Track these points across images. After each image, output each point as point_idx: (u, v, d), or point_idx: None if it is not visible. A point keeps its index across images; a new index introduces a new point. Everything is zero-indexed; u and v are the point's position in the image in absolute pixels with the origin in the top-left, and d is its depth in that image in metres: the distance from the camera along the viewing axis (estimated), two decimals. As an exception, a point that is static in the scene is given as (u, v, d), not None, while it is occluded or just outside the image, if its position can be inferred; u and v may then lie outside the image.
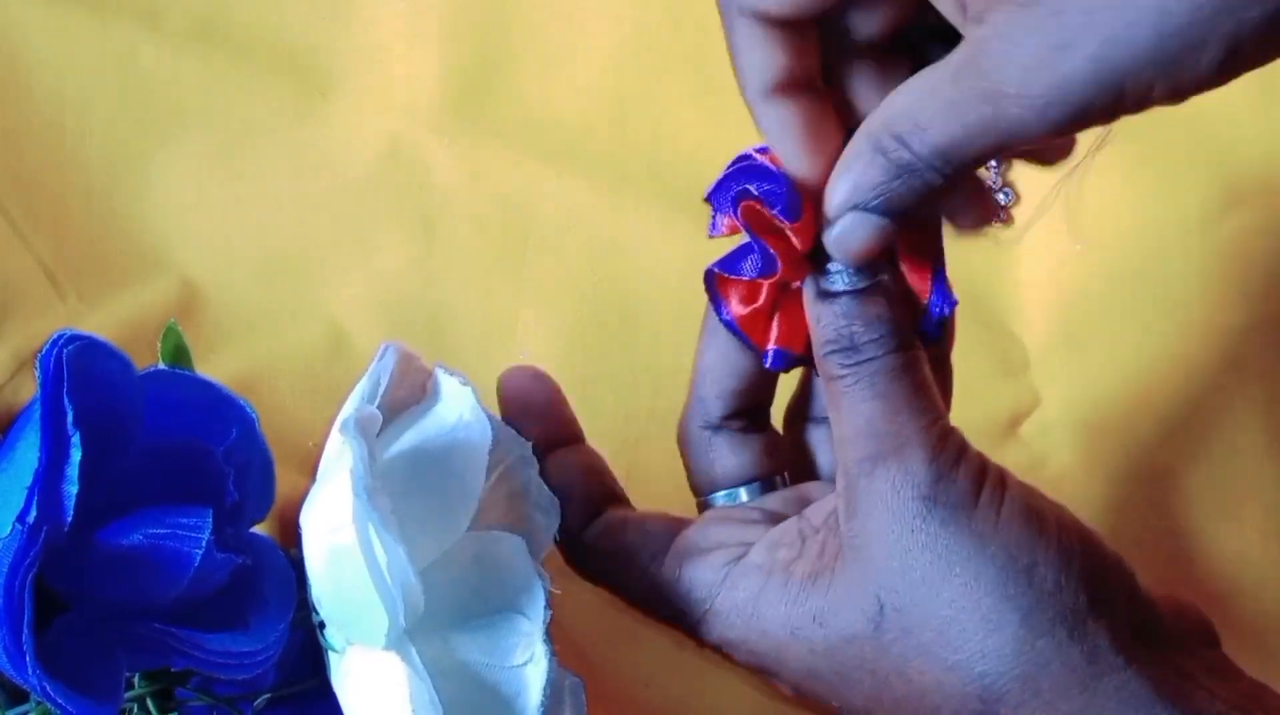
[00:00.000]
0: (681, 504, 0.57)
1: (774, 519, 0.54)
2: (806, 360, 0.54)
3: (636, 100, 0.70)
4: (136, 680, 0.53)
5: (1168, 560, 0.68)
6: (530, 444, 0.56)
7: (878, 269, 0.51)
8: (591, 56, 0.70)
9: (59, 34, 0.68)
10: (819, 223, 0.51)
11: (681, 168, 0.69)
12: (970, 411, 0.64)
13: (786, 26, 0.50)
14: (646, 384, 0.68)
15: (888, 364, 0.50)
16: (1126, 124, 0.70)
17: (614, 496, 0.57)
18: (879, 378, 0.50)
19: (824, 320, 0.51)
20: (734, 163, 0.53)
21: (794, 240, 0.51)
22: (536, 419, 0.56)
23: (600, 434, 0.65)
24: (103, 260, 0.68)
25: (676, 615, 0.54)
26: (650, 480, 0.58)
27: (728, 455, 0.56)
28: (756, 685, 0.66)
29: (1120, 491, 0.68)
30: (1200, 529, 0.69)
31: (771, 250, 0.52)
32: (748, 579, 0.52)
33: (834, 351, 0.51)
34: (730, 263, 0.54)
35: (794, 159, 0.51)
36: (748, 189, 0.52)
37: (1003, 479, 0.50)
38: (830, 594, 0.50)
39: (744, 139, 0.69)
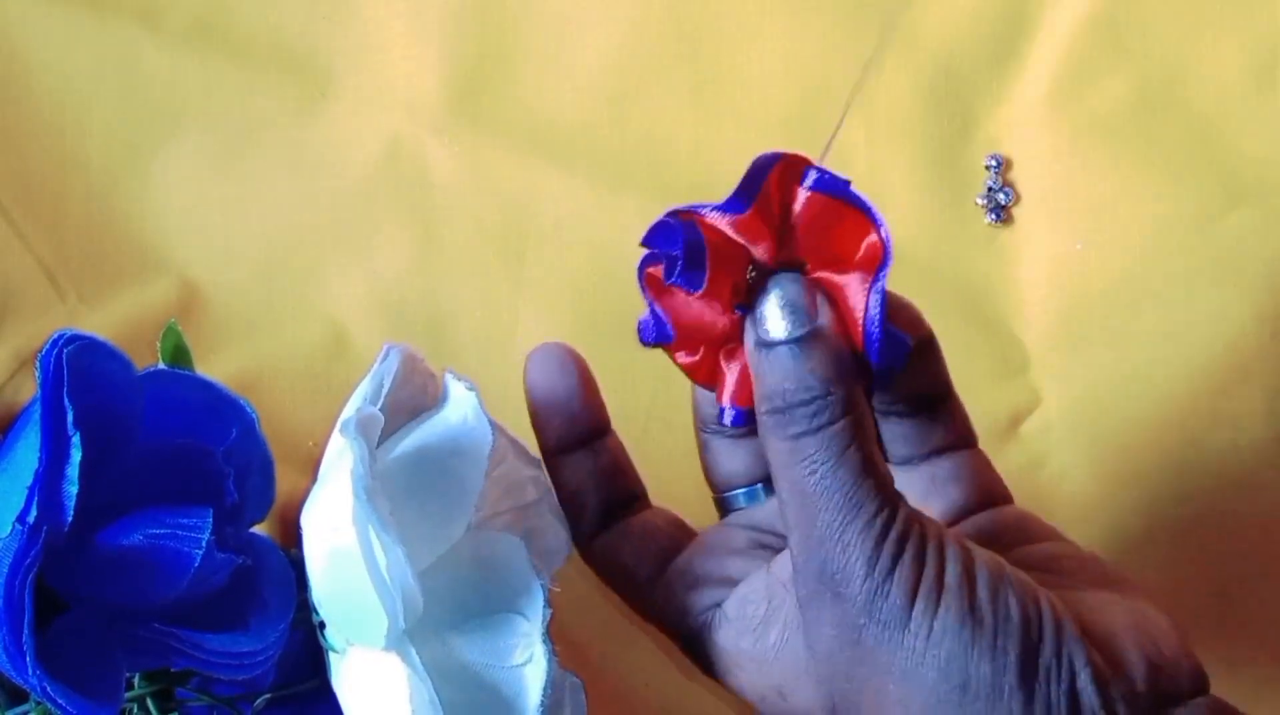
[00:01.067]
0: (683, 500, 0.57)
1: (760, 544, 0.54)
2: None
3: (636, 100, 0.70)
4: (136, 680, 0.53)
5: (1167, 560, 0.68)
6: (540, 462, 0.56)
7: (814, 311, 0.49)
8: (591, 56, 0.70)
9: (59, 34, 0.68)
10: (735, 275, 0.49)
11: (681, 168, 0.69)
12: (970, 411, 0.64)
13: None
14: (646, 384, 0.68)
15: (825, 440, 0.48)
16: (1127, 124, 0.70)
17: (631, 498, 0.56)
18: (817, 454, 0.48)
19: (759, 373, 0.50)
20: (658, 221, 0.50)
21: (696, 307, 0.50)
22: (558, 414, 0.56)
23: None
24: (103, 260, 0.68)
25: (673, 636, 0.54)
26: (650, 480, 0.58)
27: (726, 459, 0.56)
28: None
29: (1120, 491, 0.68)
30: (1200, 528, 0.68)
31: (664, 316, 0.50)
32: (723, 631, 0.52)
33: (769, 411, 0.49)
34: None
35: None
36: (653, 253, 0.50)
37: (941, 574, 0.48)
38: (791, 670, 0.50)
39: (743, 139, 0.69)
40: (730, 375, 0.52)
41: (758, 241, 0.49)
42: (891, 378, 0.50)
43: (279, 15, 0.69)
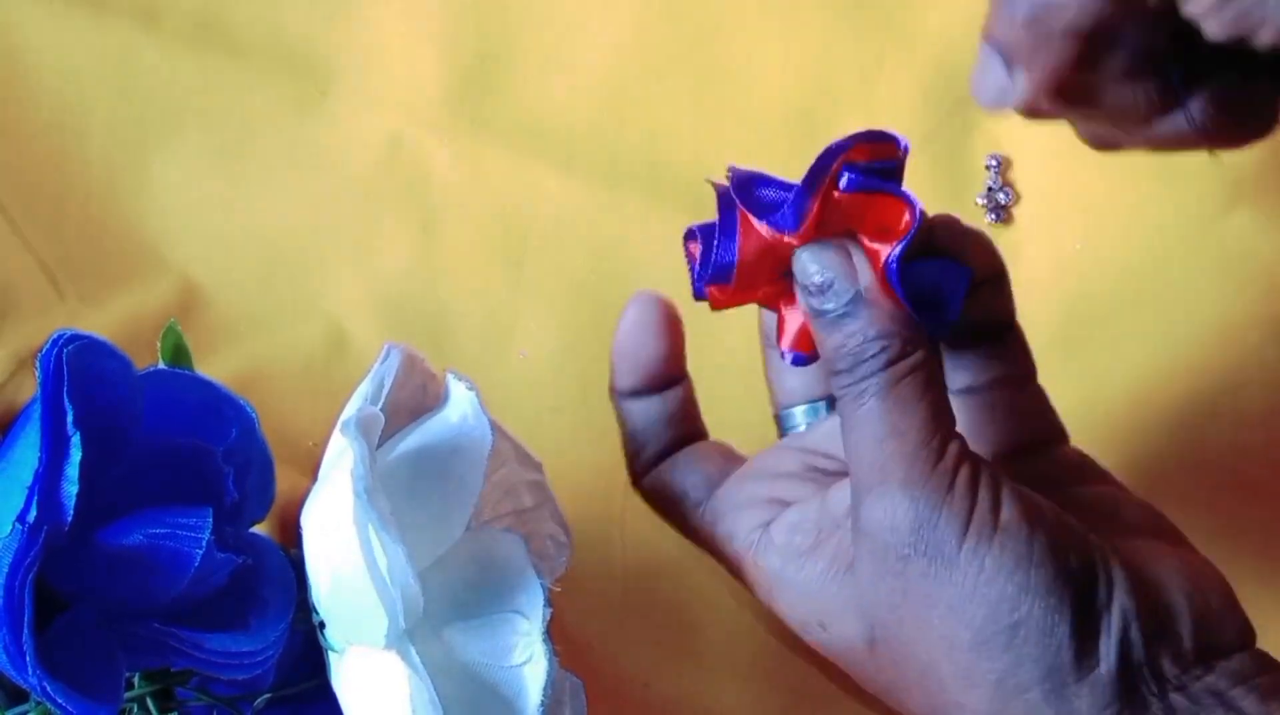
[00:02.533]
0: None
1: (813, 466, 0.54)
2: None
3: (636, 100, 0.70)
4: (136, 680, 0.53)
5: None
6: (540, 465, 0.57)
7: (851, 280, 0.50)
8: (591, 56, 0.70)
9: (59, 34, 0.68)
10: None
11: (681, 168, 0.69)
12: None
13: None
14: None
15: (879, 383, 0.50)
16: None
17: (689, 439, 0.57)
18: (870, 399, 0.50)
19: (820, 341, 0.51)
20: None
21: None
22: (633, 363, 0.57)
23: (600, 434, 0.65)
24: (103, 260, 0.68)
25: (721, 561, 0.55)
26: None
27: (790, 374, 0.56)
28: (758, 684, 0.66)
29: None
30: (1199, 528, 0.68)
31: (730, 251, 0.52)
32: (768, 556, 0.52)
33: (834, 372, 0.51)
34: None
35: None
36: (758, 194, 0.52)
37: (995, 511, 0.49)
38: (835, 603, 0.51)
39: (743, 139, 0.69)
40: (791, 323, 0.53)
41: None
42: (949, 325, 0.52)
43: (279, 15, 0.69)
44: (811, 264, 0.50)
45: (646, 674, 0.67)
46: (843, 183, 0.50)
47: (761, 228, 0.51)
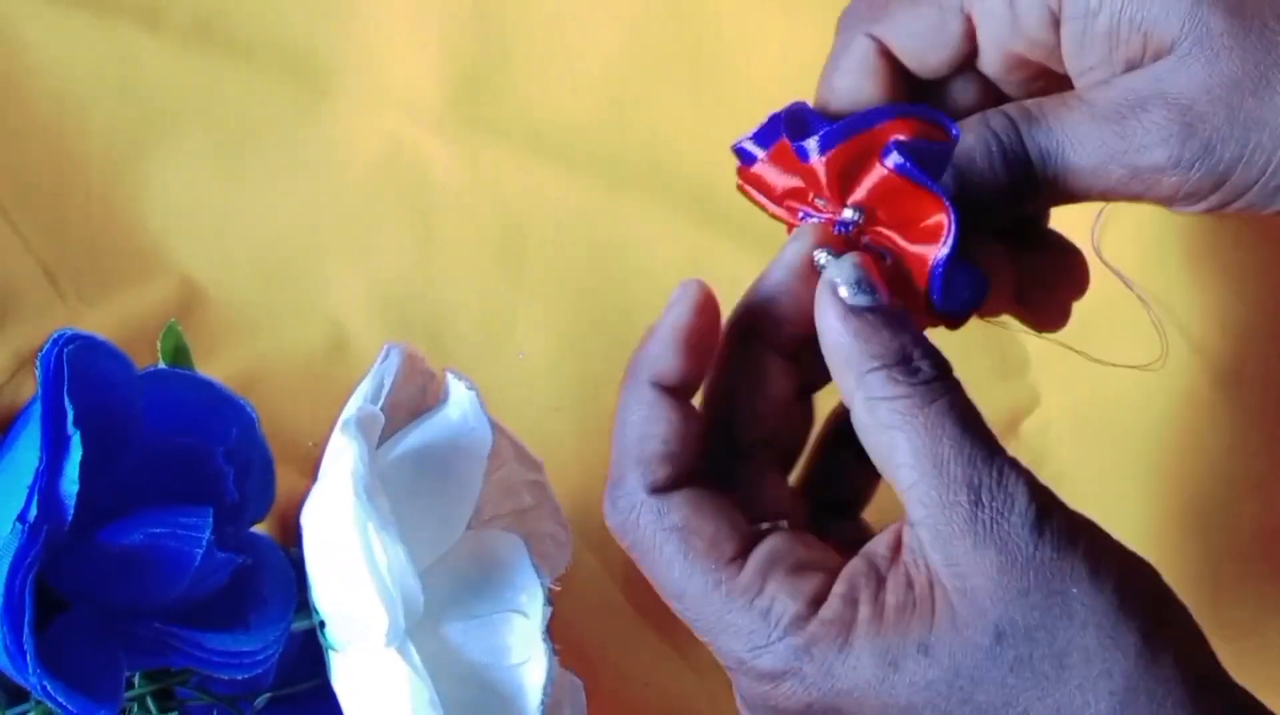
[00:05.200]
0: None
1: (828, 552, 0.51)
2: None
3: (636, 100, 0.70)
4: (136, 679, 0.53)
5: (1167, 560, 0.68)
6: (541, 465, 0.56)
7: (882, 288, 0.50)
8: (591, 56, 0.70)
9: (59, 34, 0.68)
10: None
11: (681, 168, 0.69)
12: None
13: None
14: (646, 384, 0.68)
15: (953, 389, 0.49)
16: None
17: (698, 481, 0.51)
18: (952, 402, 0.49)
19: (863, 336, 0.49)
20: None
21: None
22: (691, 353, 0.52)
23: (600, 433, 0.65)
24: (103, 260, 0.68)
25: (728, 628, 0.49)
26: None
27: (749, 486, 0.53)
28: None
29: (1119, 491, 0.69)
30: (1200, 528, 0.69)
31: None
32: (833, 610, 0.49)
33: (883, 366, 0.49)
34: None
35: None
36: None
37: (1087, 519, 0.49)
38: (936, 625, 0.48)
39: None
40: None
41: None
42: (965, 317, 0.52)
43: (279, 15, 0.69)
44: (839, 272, 0.50)
45: (646, 674, 0.67)
46: (890, 161, 0.50)
47: (791, 148, 0.51)
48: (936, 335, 0.53)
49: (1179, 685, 0.47)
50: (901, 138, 0.50)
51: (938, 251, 0.50)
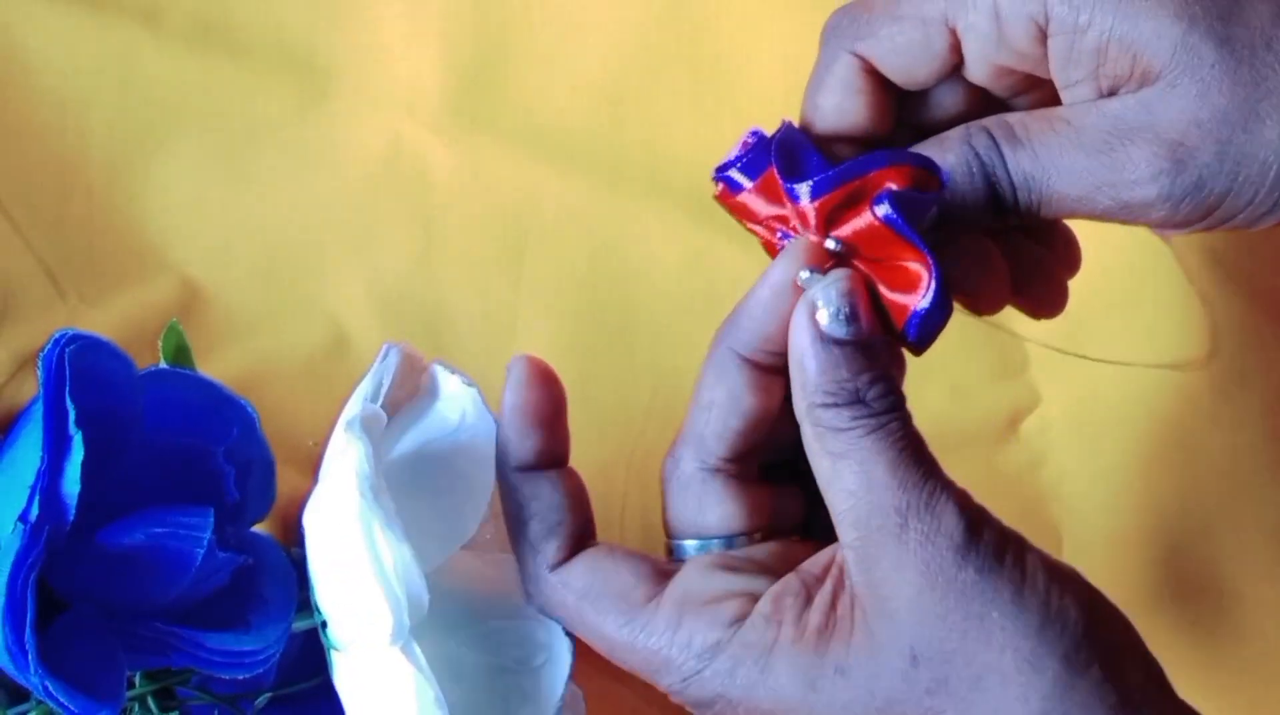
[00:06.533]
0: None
1: (761, 570, 0.52)
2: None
3: (635, 100, 0.70)
4: (138, 679, 0.53)
5: (1167, 560, 0.68)
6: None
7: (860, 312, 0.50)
8: (591, 56, 0.70)
9: (59, 34, 0.68)
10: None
11: (680, 168, 0.69)
12: (970, 411, 0.64)
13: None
14: (646, 384, 0.68)
15: (898, 420, 0.49)
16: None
17: (592, 535, 0.54)
18: (893, 432, 0.49)
19: (823, 369, 0.50)
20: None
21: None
22: (543, 428, 0.53)
23: (600, 434, 0.66)
24: (103, 260, 0.68)
25: (660, 666, 0.51)
26: (649, 481, 0.58)
27: (720, 501, 0.53)
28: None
29: (1119, 491, 0.69)
30: (1200, 528, 0.69)
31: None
32: (756, 631, 0.50)
33: (834, 405, 0.50)
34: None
35: None
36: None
37: (1020, 537, 0.50)
38: (853, 646, 0.49)
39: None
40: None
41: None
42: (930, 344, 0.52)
43: (279, 15, 0.69)
44: (824, 293, 0.50)
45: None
46: (880, 211, 0.50)
47: (781, 185, 0.51)
48: (946, 337, 0.53)
49: (1100, 706, 0.48)
50: (893, 186, 0.50)
51: (917, 302, 0.51)
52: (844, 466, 0.49)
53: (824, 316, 0.50)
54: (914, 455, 0.49)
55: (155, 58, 0.69)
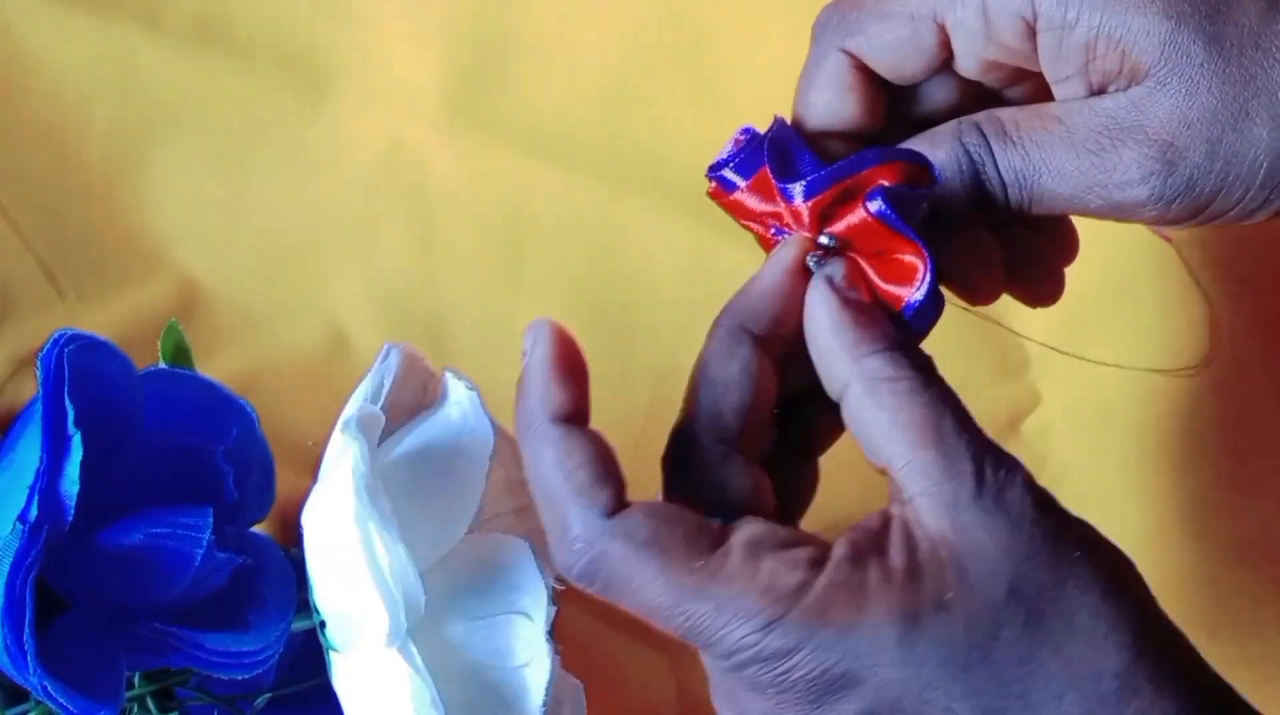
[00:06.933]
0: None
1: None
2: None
3: (635, 100, 0.70)
4: (137, 680, 0.53)
5: (1167, 560, 0.68)
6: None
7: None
8: (591, 56, 0.70)
9: (59, 34, 0.68)
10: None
11: (680, 167, 0.69)
12: (970, 411, 0.63)
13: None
14: (646, 383, 0.68)
15: (941, 381, 0.49)
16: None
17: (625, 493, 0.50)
18: (948, 390, 0.49)
19: (860, 322, 0.50)
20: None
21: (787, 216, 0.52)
22: (577, 379, 0.51)
23: (600, 433, 0.65)
24: (103, 260, 0.68)
25: (736, 615, 0.47)
26: (650, 480, 0.58)
27: (742, 477, 0.51)
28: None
29: (1120, 491, 0.69)
30: (1201, 528, 0.69)
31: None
32: (843, 572, 0.47)
33: (882, 350, 0.49)
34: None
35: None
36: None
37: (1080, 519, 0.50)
38: (950, 583, 0.47)
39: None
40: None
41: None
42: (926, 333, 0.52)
43: (279, 15, 0.69)
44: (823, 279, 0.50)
45: (646, 674, 0.67)
46: (873, 207, 0.50)
47: (774, 184, 0.52)
48: (940, 335, 0.54)
49: (1182, 649, 0.48)
50: (886, 183, 0.50)
51: (912, 294, 0.51)
52: (904, 420, 0.48)
53: (844, 285, 0.50)
54: (970, 416, 0.49)
55: (155, 58, 0.69)
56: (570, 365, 0.51)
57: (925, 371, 0.49)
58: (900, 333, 0.50)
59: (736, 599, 0.47)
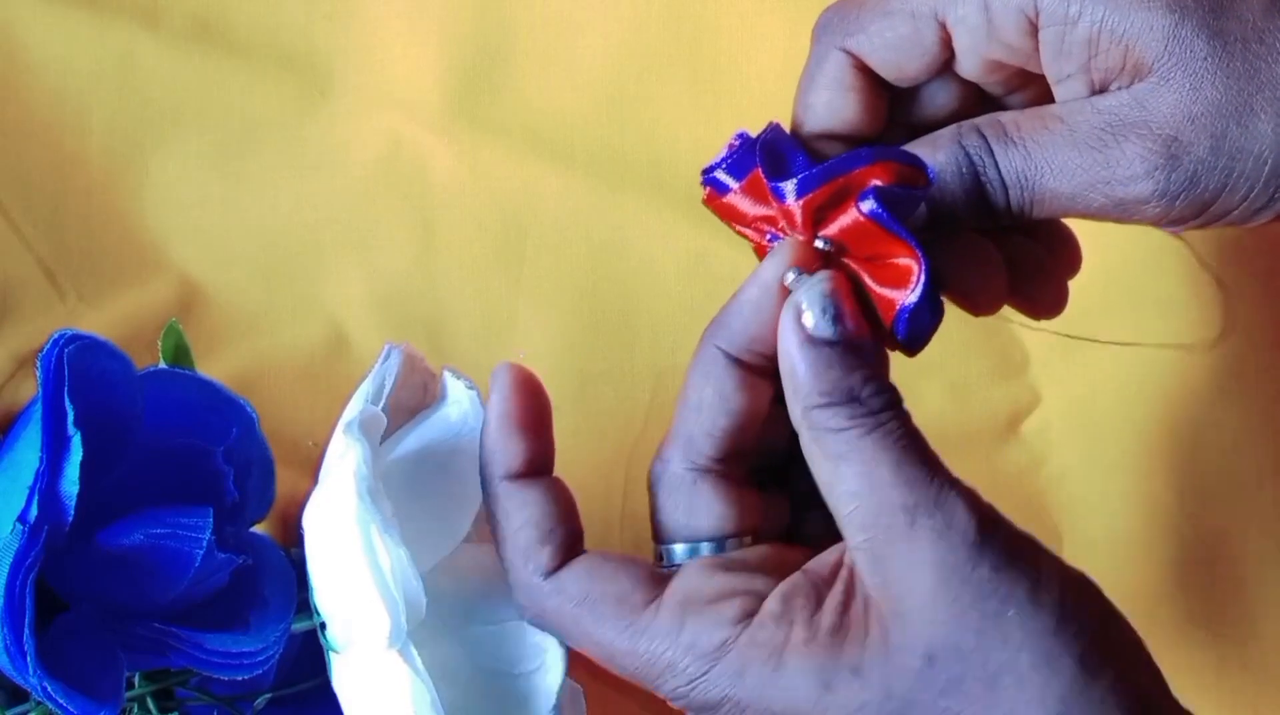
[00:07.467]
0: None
1: (757, 571, 0.51)
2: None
3: (636, 100, 0.70)
4: (137, 680, 0.53)
5: (1167, 560, 0.68)
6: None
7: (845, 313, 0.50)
8: (591, 56, 0.70)
9: (59, 34, 0.68)
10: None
11: (680, 167, 0.69)
12: (970, 411, 0.64)
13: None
14: (646, 383, 0.68)
15: (896, 418, 0.49)
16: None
17: (582, 544, 0.52)
18: (893, 431, 0.49)
19: (815, 371, 0.49)
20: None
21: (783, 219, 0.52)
22: (530, 435, 0.52)
23: (599, 433, 0.66)
24: (103, 260, 0.68)
25: (664, 670, 0.50)
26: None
27: (710, 502, 0.52)
28: None
29: (1120, 491, 0.68)
30: (1202, 528, 0.69)
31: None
32: (767, 631, 0.49)
33: (829, 405, 0.49)
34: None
35: None
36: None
37: (1032, 537, 0.49)
38: (868, 646, 0.48)
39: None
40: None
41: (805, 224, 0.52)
42: (923, 346, 0.52)
43: (279, 15, 0.69)
44: (808, 293, 0.50)
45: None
46: (865, 207, 0.50)
47: (767, 186, 0.51)
48: (940, 335, 0.53)
49: (1115, 709, 0.47)
50: (879, 183, 0.50)
51: (906, 297, 0.50)
52: (846, 468, 0.49)
53: (809, 318, 0.50)
54: (917, 453, 0.49)
55: (154, 57, 0.69)
56: (528, 415, 0.52)
57: (873, 416, 0.49)
58: (858, 377, 0.49)
59: (663, 656, 0.50)
